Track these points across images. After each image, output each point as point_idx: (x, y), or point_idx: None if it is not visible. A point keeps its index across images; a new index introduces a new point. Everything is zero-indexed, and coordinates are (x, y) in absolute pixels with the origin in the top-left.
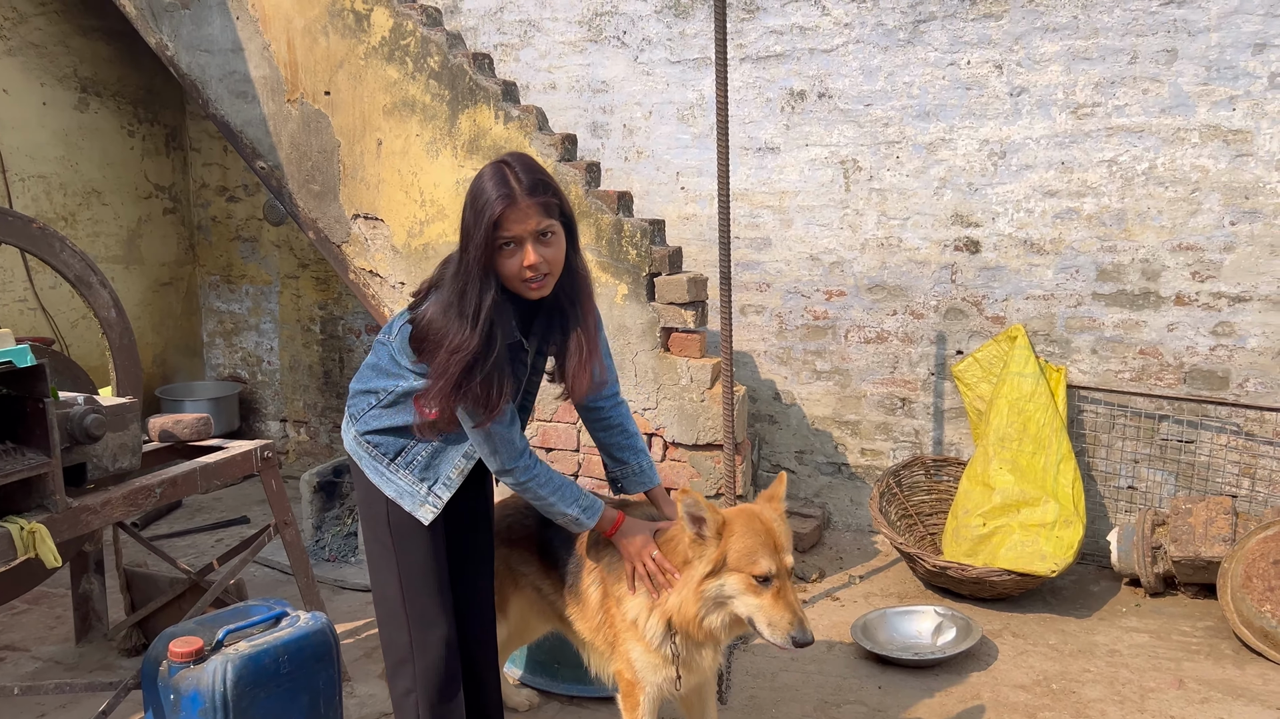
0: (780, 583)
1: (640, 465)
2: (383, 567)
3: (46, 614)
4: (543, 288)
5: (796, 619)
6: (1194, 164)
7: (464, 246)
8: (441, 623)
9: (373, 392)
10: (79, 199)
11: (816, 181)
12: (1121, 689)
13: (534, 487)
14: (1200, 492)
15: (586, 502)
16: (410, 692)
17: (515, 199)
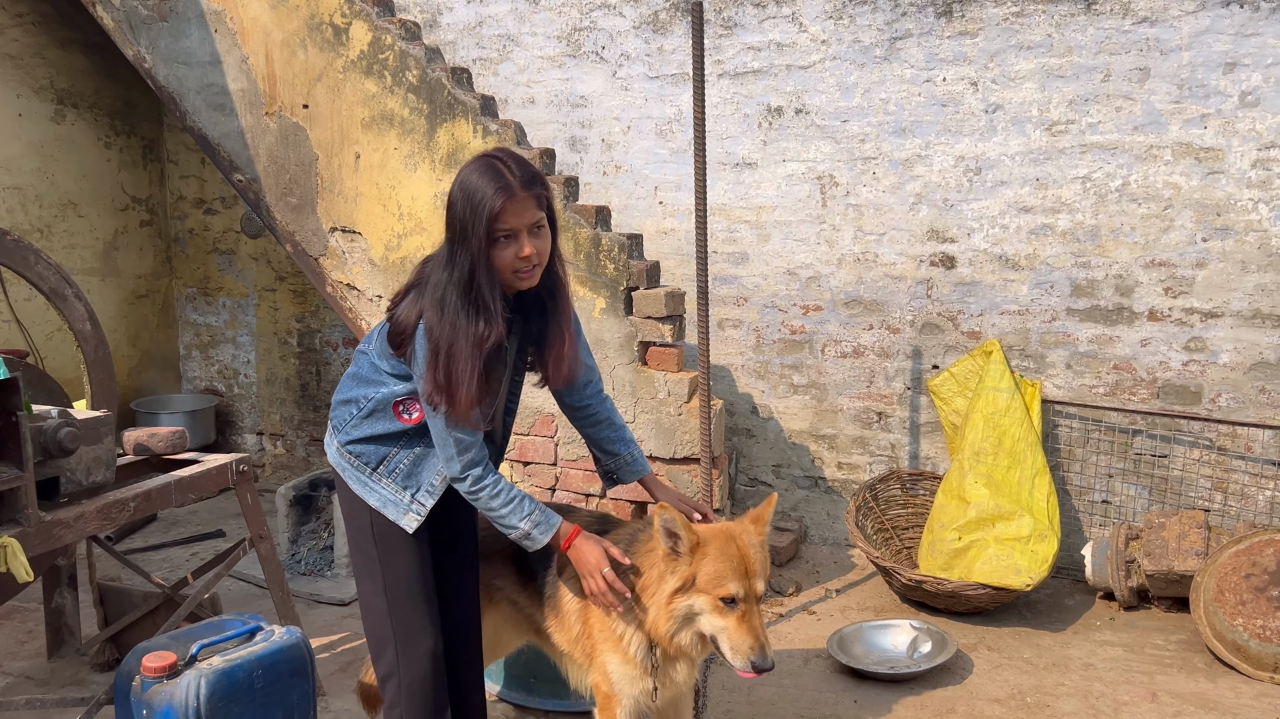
0: (746, 607)
1: (632, 455)
2: (367, 578)
3: (18, 629)
4: (531, 279)
5: (758, 644)
6: (1166, 181)
7: (461, 240)
8: (428, 634)
9: (353, 401)
10: (55, 211)
11: (794, 197)
12: (1095, 703)
13: (485, 496)
14: (1173, 506)
15: (540, 517)
16: (395, 705)
17: (514, 192)
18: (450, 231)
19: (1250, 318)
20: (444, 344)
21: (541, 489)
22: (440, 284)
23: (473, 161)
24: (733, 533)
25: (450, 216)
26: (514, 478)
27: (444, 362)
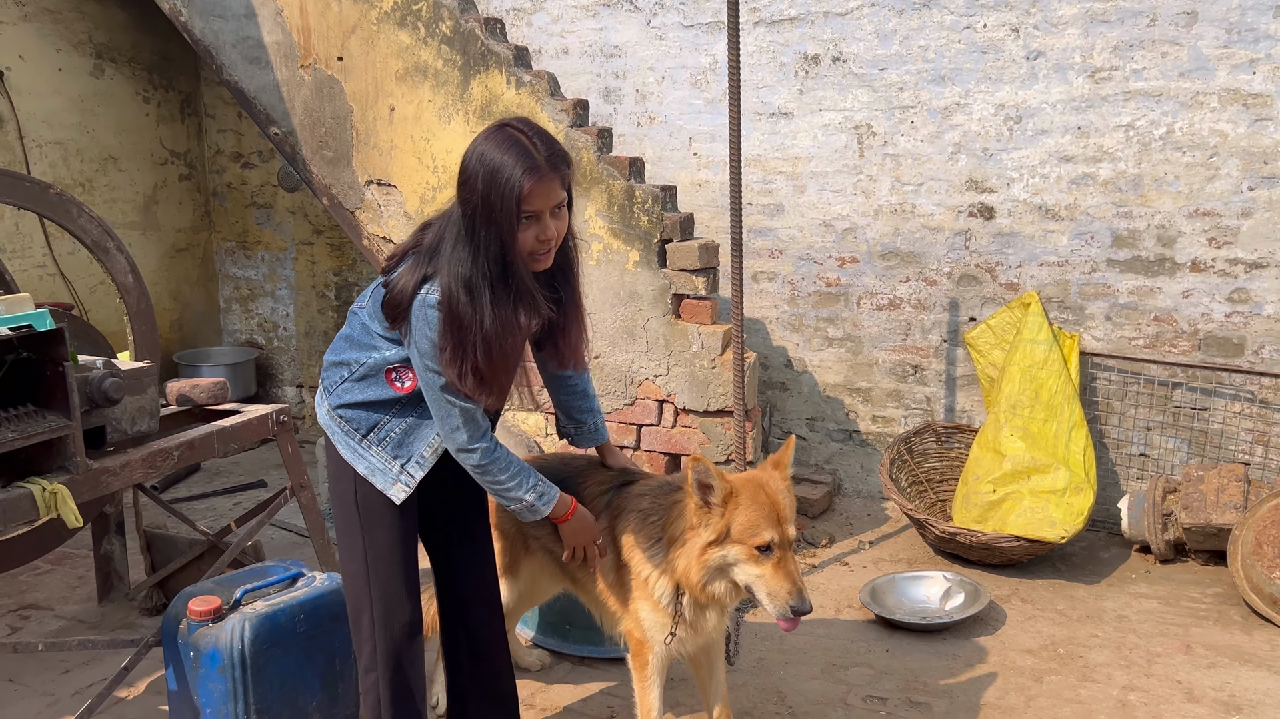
0: (781, 553)
1: (595, 424)
2: (348, 544)
3: (69, 574)
4: (546, 261)
5: (795, 589)
6: (1212, 129)
7: (485, 221)
8: (405, 604)
9: (344, 364)
10: (96, 165)
11: (830, 147)
12: (1129, 654)
13: (495, 470)
14: (1213, 459)
15: (543, 488)
16: (371, 670)
17: (542, 173)
18: (468, 208)
19: None
20: (485, 334)
21: None
22: (463, 264)
23: (492, 133)
24: (761, 481)
25: (468, 193)
26: (547, 429)
27: (482, 351)
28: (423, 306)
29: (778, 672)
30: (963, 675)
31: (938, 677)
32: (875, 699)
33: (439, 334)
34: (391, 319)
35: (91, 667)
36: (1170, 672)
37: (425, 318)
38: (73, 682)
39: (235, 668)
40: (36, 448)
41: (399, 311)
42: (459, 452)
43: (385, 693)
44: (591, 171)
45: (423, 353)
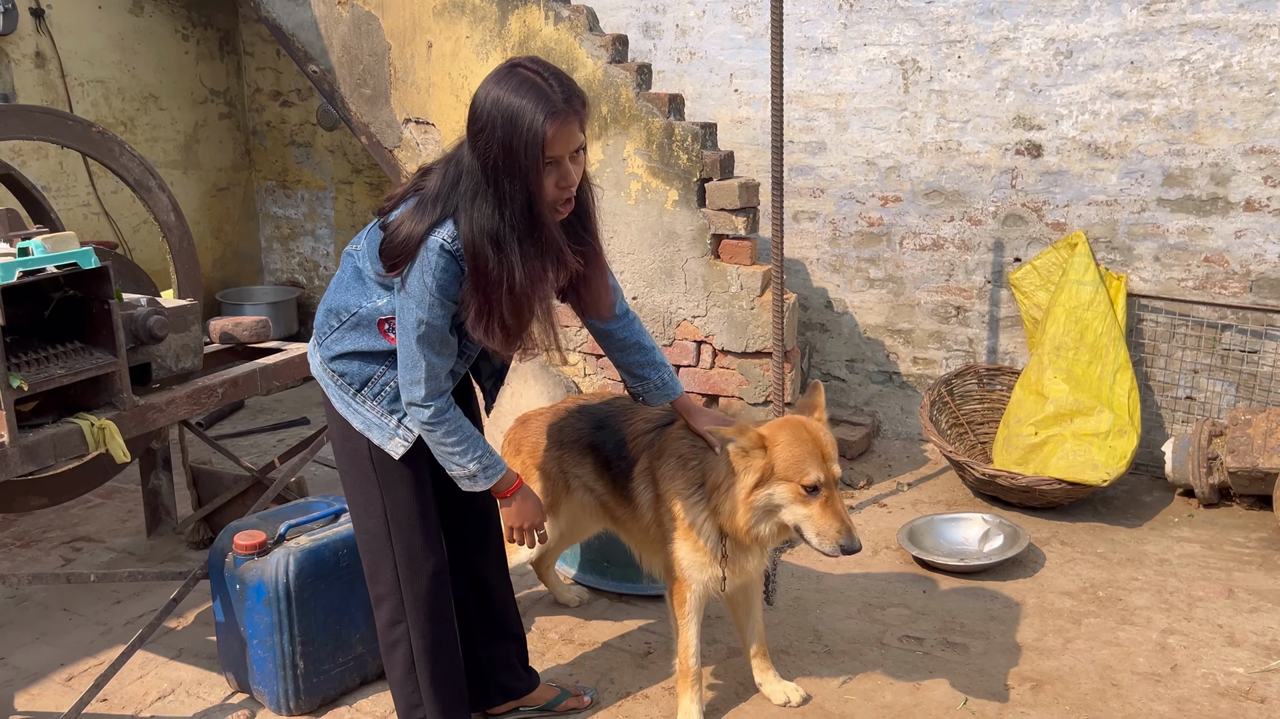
0: (828, 492)
1: (662, 378)
2: (363, 500)
3: (119, 508)
4: (569, 207)
5: (844, 528)
6: (1272, 62)
7: (508, 170)
8: (430, 555)
9: (335, 311)
10: (137, 104)
11: (874, 83)
12: (1169, 597)
13: (441, 432)
14: (1261, 403)
15: (489, 460)
16: (398, 622)
17: (562, 115)
18: (486, 156)
19: None
20: (514, 289)
21: (614, 381)
22: (487, 217)
23: (504, 76)
24: (801, 421)
25: (485, 140)
26: (585, 370)
27: (509, 306)
28: (428, 251)
29: (814, 611)
30: (1000, 617)
31: (975, 618)
32: (912, 639)
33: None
34: (391, 265)
35: (142, 598)
36: (1211, 616)
37: (427, 262)
38: (124, 612)
39: (280, 601)
40: (84, 385)
41: (401, 257)
42: (410, 404)
43: (419, 642)
44: (630, 109)
45: (411, 295)
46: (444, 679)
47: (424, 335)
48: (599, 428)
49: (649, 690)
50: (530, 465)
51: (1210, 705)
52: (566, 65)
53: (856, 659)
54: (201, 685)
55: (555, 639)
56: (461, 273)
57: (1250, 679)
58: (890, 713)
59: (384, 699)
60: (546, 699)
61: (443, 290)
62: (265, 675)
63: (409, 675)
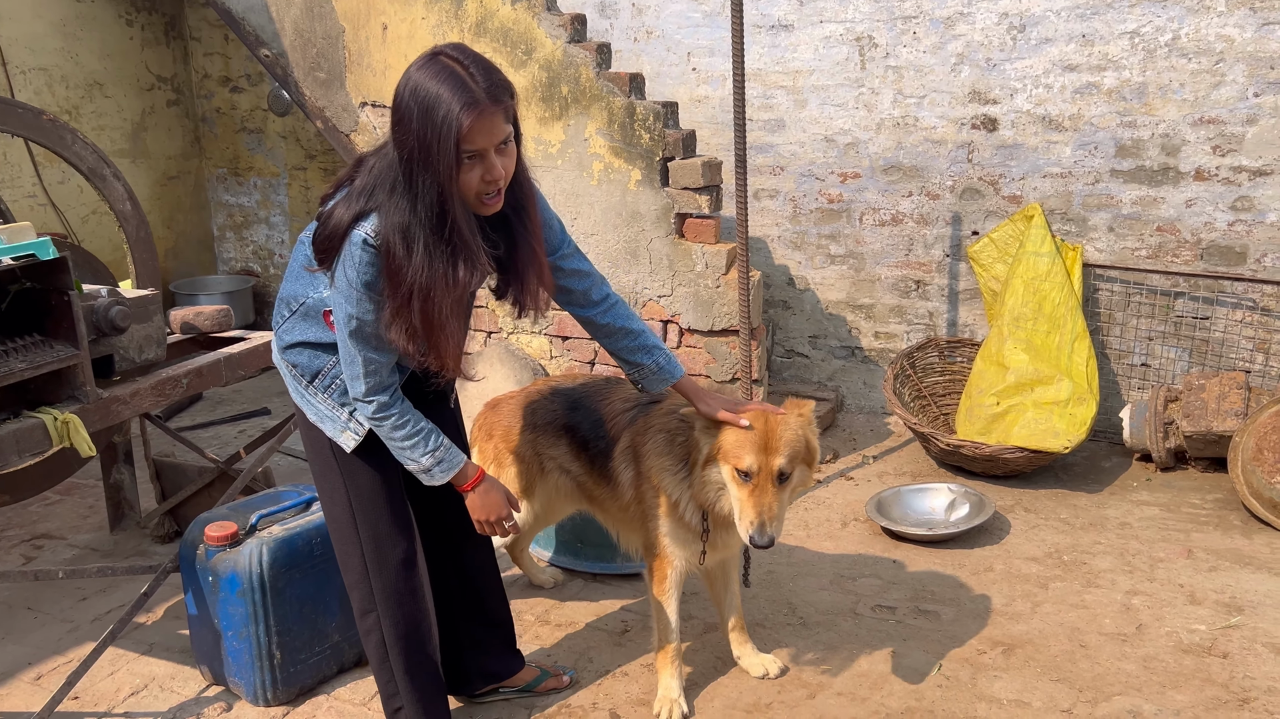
0: (759, 482)
1: (657, 363)
2: (328, 488)
3: (79, 504)
4: (497, 203)
5: (758, 520)
6: (1219, 34)
7: (422, 164)
8: (398, 540)
9: (285, 300)
10: (81, 92)
11: (831, 60)
12: (1131, 560)
13: (388, 426)
14: (1214, 368)
15: (444, 454)
16: (369, 611)
17: (481, 107)
18: (403, 150)
19: None
20: (419, 289)
21: (581, 363)
22: (400, 212)
23: (425, 64)
24: (765, 412)
25: (402, 132)
26: (552, 352)
27: (420, 308)
28: (352, 244)
29: (788, 584)
30: (969, 584)
31: (945, 586)
32: (884, 608)
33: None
34: (321, 257)
35: (108, 594)
36: (1172, 576)
37: (350, 255)
38: (91, 608)
39: (255, 591)
40: (45, 378)
41: (329, 250)
42: (354, 399)
43: (390, 631)
44: (591, 88)
45: (339, 289)
46: (418, 667)
47: (356, 331)
48: (573, 409)
49: (628, 668)
50: (503, 449)
51: (1175, 662)
52: (525, 45)
53: (831, 630)
54: (175, 679)
55: (532, 621)
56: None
57: (1212, 636)
58: (866, 681)
59: (362, 687)
60: (526, 680)
61: (368, 286)
62: (241, 667)
63: (384, 664)
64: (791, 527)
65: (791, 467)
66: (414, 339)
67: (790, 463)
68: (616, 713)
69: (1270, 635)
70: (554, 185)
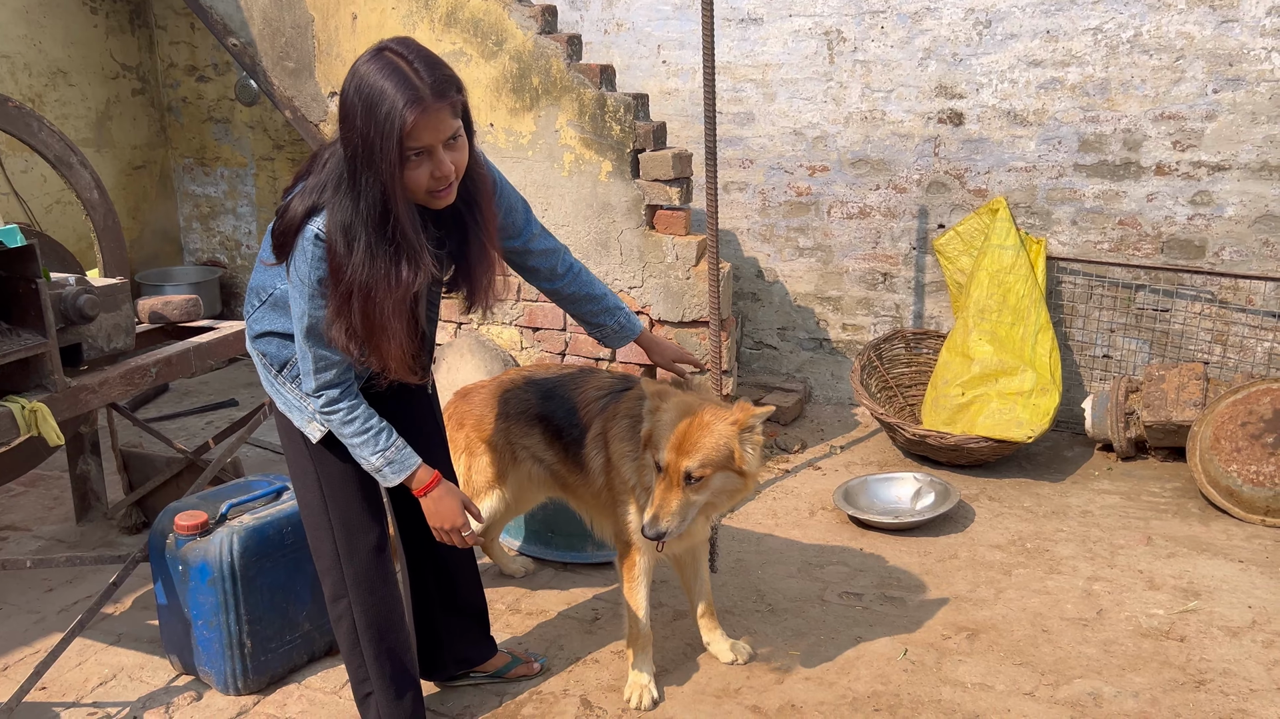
0: (668, 477)
1: (619, 322)
2: (300, 474)
3: (44, 495)
4: (448, 196)
5: (653, 515)
6: (1179, 31)
7: (366, 162)
8: (370, 527)
9: (255, 290)
10: (45, 80)
11: (800, 53)
12: (1093, 547)
13: (337, 421)
14: (1173, 359)
15: (395, 455)
16: (340, 597)
17: (425, 104)
18: (349, 148)
19: (1258, 170)
20: (358, 288)
21: (552, 354)
22: (344, 210)
23: (369, 59)
24: (690, 409)
25: (347, 129)
26: (523, 343)
27: (360, 308)
28: (304, 239)
29: (756, 571)
30: (935, 571)
31: (911, 573)
32: (851, 595)
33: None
34: (279, 251)
35: (75, 584)
36: (1132, 562)
37: (303, 250)
38: (57, 599)
39: (225, 580)
40: (12, 367)
41: (284, 245)
42: (305, 392)
43: (361, 618)
44: (562, 80)
45: (293, 284)
46: (389, 653)
47: (310, 328)
48: (547, 398)
49: (598, 655)
50: (475, 439)
51: (1134, 646)
52: (495, 36)
53: (799, 616)
54: (144, 669)
55: (502, 609)
56: None
57: (1170, 620)
58: (833, 666)
59: (333, 675)
60: (498, 666)
61: (320, 282)
62: (211, 656)
63: (355, 650)
64: (760, 515)
65: (704, 471)
66: (354, 339)
67: (702, 467)
68: (587, 699)
69: (1226, 619)
70: (525, 176)
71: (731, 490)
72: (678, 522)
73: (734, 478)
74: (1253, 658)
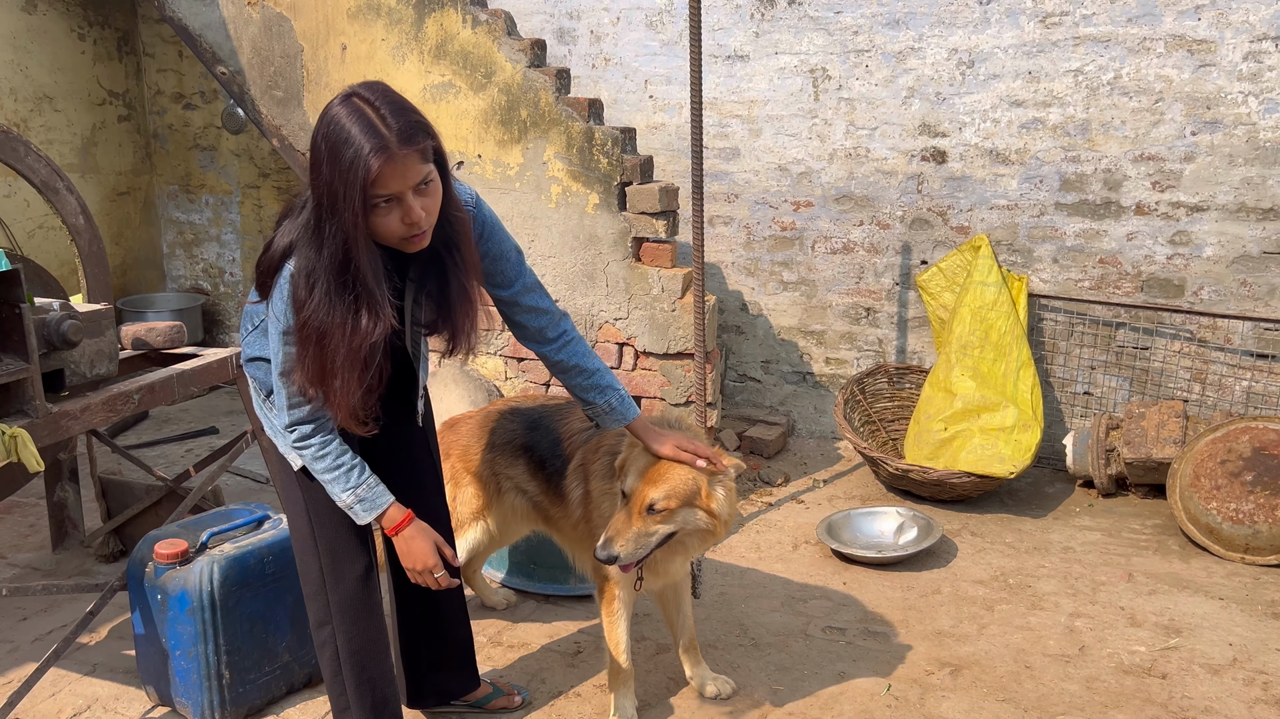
0: (631, 505)
1: (609, 404)
2: (290, 499)
3: (19, 523)
4: (423, 240)
5: (607, 537)
6: (1158, 74)
7: (330, 210)
8: (357, 555)
9: (249, 314)
10: (30, 105)
11: (785, 91)
12: (1075, 583)
13: (309, 456)
14: (1153, 397)
15: (366, 493)
16: (324, 624)
17: (391, 151)
18: (316, 195)
19: (1235, 211)
20: (314, 332)
21: (536, 384)
22: (308, 257)
23: (336, 106)
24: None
25: (315, 177)
26: (507, 373)
27: (315, 352)
28: (282, 278)
29: (739, 605)
30: (918, 606)
31: (894, 608)
32: (834, 630)
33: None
34: (261, 288)
35: (50, 613)
36: (1114, 599)
37: (280, 289)
38: (31, 628)
39: (205, 610)
40: None
41: (265, 282)
42: (283, 427)
43: (344, 646)
44: (550, 113)
45: (270, 321)
46: (370, 683)
47: (283, 364)
48: (532, 429)
49: (580, 688)
50: (461, 470)
51: (1116, 683)
52: (485, 69)
53: (782, 651)
54: (119, 700)
55: (484, 641)
56: None
57: (1152, 657)
58: (817, 702)
59: (311, 707)
60: (479, 697)
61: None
62: (189, 687)
63: (336, 678)
64: (743, 549)
65: (668, 504)
66: (311, 382)
67: (667, 499)
68: None
69: (1207, 657)
70: (512, 208)
71: (702, 531)
72: (631, 548)
73: (701, 516)
74: (1234, 695)
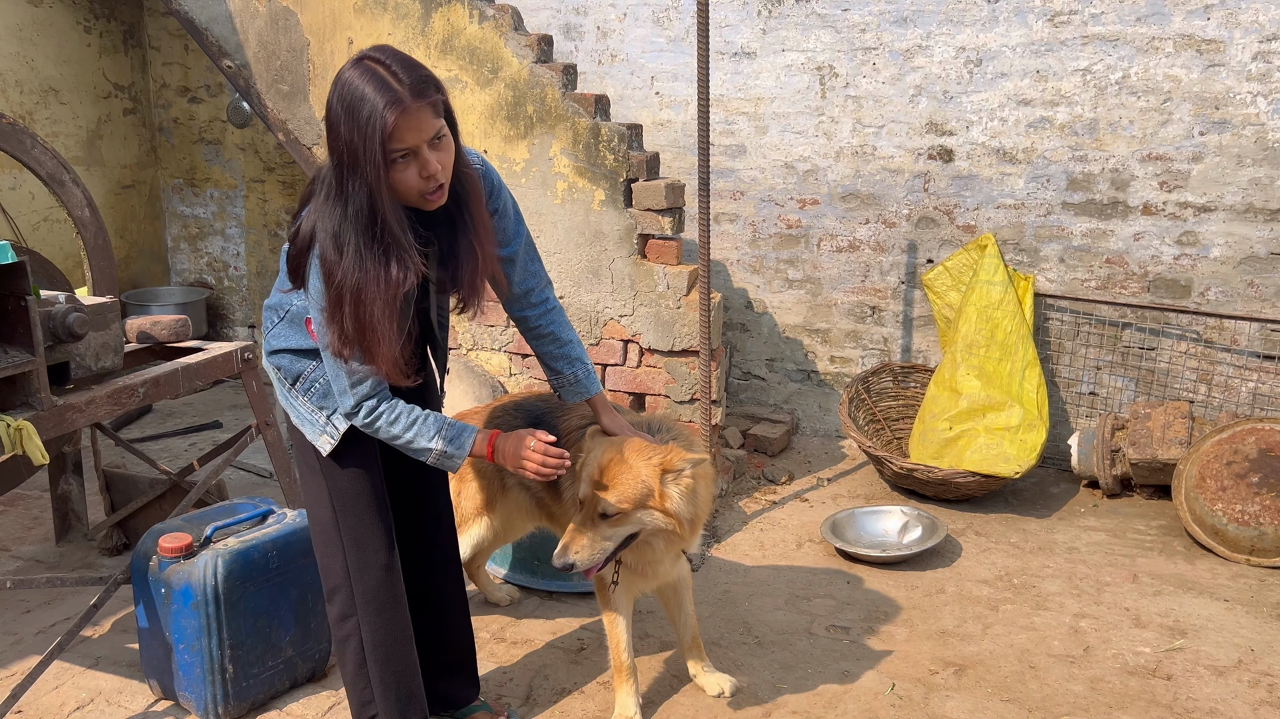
0: (584, 511)
1: (575, 375)
2: (312, 489)
3: (23, 515)
4: (441, 196)
5: (563, 545)
6: (1166, 74)
7: (351, 167)
8: (380, 546)
9: (274, 307)
10: (36, 97)
11: (792, 88)
12: (1079, 584)
13: (384, 424)
14: (1159, 397)
15: (451, 432)
16: (349, 616)
17: (405, 105)
18: (335, 156)
19: (1243, 212)
20: (349, 291)
21: (540, 380)
22: (334, 219)
23: (349, 69)
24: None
25: (333, 138)
26: (511, 369)
27: (351, 311)
28: (314, 257)
29: (743, 603)
30: (922, 605)
31: (898, 607)
32: (838, 628)
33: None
34: (295, 276)
35: (53, 606)
36: (1118, 600)
37: (314, 268)
38: (35, 621)
39: (209, 604)
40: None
41: (299, 265)
42: (346, 415)
43: (369, 638)
44: (556, 109)
45: (311, 303)
46: (396, 676)
47: (327, 344)
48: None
49: (585, 686)
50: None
51: (1121, 684)
52: (491, 64)
53: (786, 649)
54: (122, 694)
55: (487, 638)
56: None
57: (1157, 658)
58: (821, 700)
59: (314, 702)
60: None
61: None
62: (192, 681)
63: (360, 671)
64: (747, 547)
65: (619, 508)
66: (347, 343)
67: (619, 503)
68: None
69: (1212, 658)
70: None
71: (664, 531)
72: (587, 554)
73: (658, 516)
74: (1239, 697)
